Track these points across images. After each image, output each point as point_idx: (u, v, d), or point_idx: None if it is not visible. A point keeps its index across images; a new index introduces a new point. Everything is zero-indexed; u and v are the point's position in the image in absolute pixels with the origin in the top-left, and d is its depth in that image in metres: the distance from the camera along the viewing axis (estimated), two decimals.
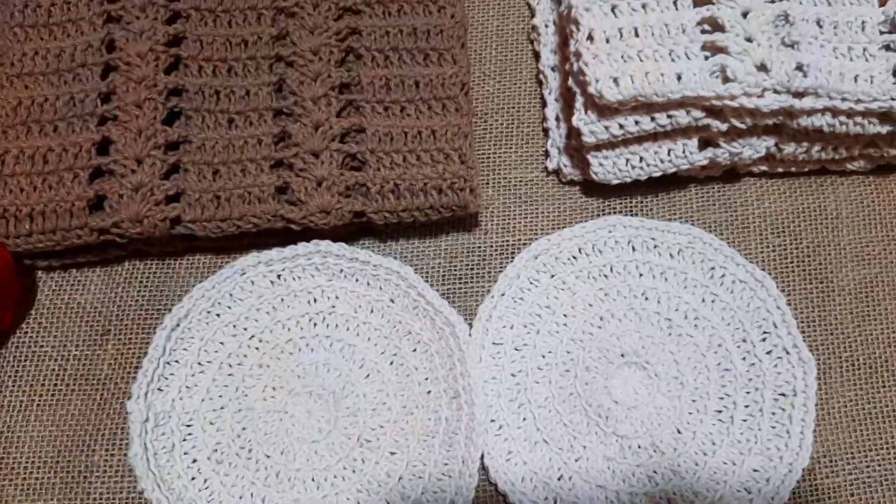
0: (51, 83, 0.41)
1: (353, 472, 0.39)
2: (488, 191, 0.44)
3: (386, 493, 0.38)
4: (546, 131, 0.45)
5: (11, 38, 0.42)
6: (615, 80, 0.37)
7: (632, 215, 0.43)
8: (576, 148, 0.43)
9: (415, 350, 0.41)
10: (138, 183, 0.39)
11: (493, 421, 0.39)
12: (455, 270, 0.43)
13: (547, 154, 0.44)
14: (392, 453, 0.39)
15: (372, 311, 0.41)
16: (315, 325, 0.41)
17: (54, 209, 0.38)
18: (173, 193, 0.39)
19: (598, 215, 0.43)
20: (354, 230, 0.43)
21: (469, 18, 0.47)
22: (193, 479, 0.39)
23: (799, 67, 0.36)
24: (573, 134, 0.42)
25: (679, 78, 0.36)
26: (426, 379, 0.40)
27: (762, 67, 0.36)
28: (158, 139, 0.40)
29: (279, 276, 0.42)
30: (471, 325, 0.41)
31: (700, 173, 0.43)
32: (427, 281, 0.42)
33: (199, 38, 0.42)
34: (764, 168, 0.43)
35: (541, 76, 0.45)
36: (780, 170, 0.43)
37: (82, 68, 0.41)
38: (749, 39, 0.37)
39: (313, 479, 0.39)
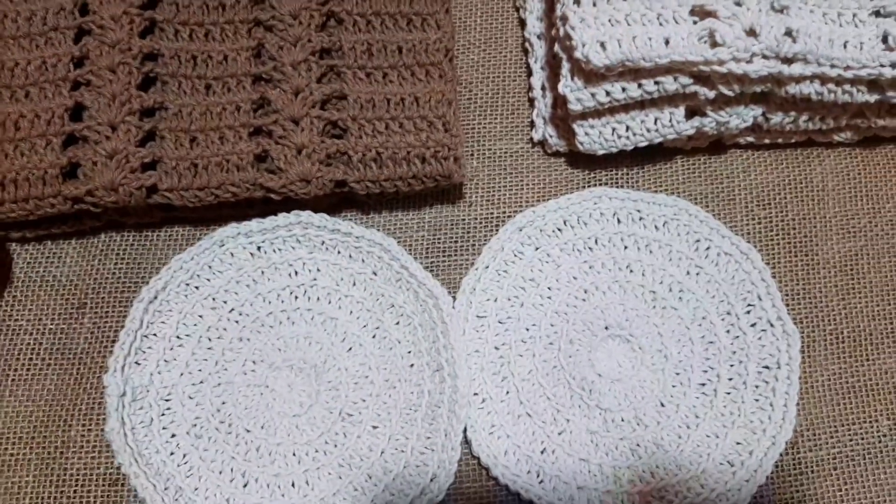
0: (22, 47, 0.40)
1: (335, 446, 0.39)
2: (473, 162, 0.44)
3: (368, 467, 0.38)
4: (531, 101, 0.44)
5: None
6: (602, 45, 0.36)
7: (617, 187, 0.43)
8: (561, 118, 0.42)
9: (398, 323, 0.40)
10: (113, 150, 0.38)
11: (476, 394, 0.39)
12: (439, 243, 0.42)
13: (532, 125, 0.44)
14: (374, 427, 0.39)
15: (354, 284, 0.41)
16: (296, 297, 0.41)
17: (27, 177, 0.37)
18: (149, 161, 0.38)
19: (584, 187, 0.43)
20: (336, 201, 0.42)
21: None
22: (172, 453, 0.38)
23: (788, 33, 0.36)
24: (559, 103, 0.42)
25: (667, 42, 0.36)
26: (409, 352, 0.39)
27: (751, 32, 0.36)
28: (133, 105, 0.39)
29: (259, 248, 0.41)
30: (454, 298, 0.40)
31: (686, 144, 0.42)
32: (410, 254, 0.42)
33: (175, 0, 0.41)
34: (750, 139, 0.42)
35: (526, 44, 0.44)
36: (766, 141, 0.43)
37: (54, 32, 0.40)
38: (738, 4, 0.36)
39: (294, 454, 0.38)
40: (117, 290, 0.41)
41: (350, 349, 0.40)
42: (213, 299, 0.41)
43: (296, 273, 0.41)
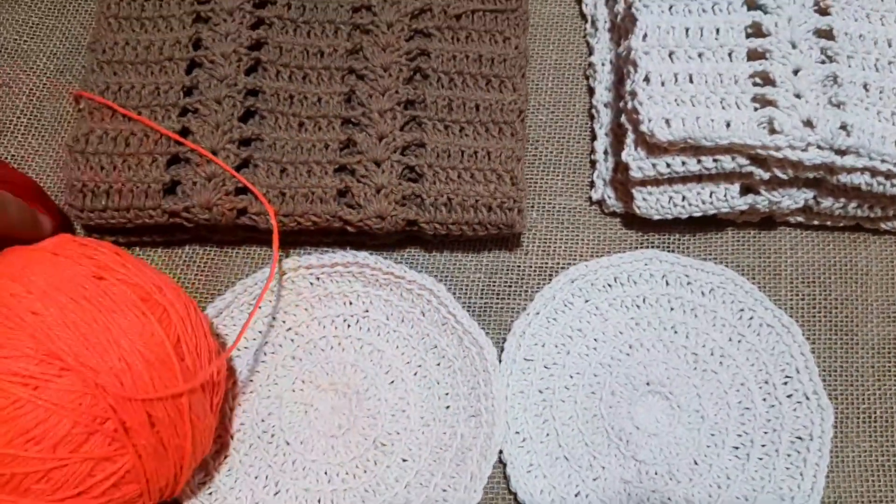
0: (138, 72, 0.44)
1: (365, 472, 0.41)
2: (532, 214, 0.46)
3: (391, 496, 0.40)
4: (593, 163, 0.47)
5: (105, 28, 0.45)
6: (667, 122, 0.39)
7: (668, 251, 0.45)
8: (621, 181, 0.45)
9: (439, 364, 0.42)
10: (212, 173, 0.41)
11: (517, 433, 0.41)
12: (494, 286, 0.45)
13: (592, 185, 0.46)
14: (404, 460, 0.41)
15: (402, 321, 0.43)
16: (349, 326, 0.43)
17: (131, 189, 0.41)
18: (242, 186, 0.42)
19: (636, 248, 0.45)
20: (403, 238, 0.45)
21: (530, 51, 0.50)
22: (217, 451, 0.41)
23: (843, 127, 0.38)
24: (620, 168, 0.44)
25: (728, 125, 0.39)
26: (447, 394, 0.42)
27: (808, 123, 0.38)
28: (234, 134, 0.42)
29: (318, 279, 0.44)
30: (504, 340, 0.43)
31: (738, 218, 0.45)
32: (466, 293, 0.44)
33: (280, 44, 0.45)
34: (800, 219, 0.44)
35: (593, 111, 0.47)
36: (815, 222, 0.45)
37: (169, 62, 0.44)
38: (798, 96, 0.39)
39: (326, 473, 0.41)
40: (196, 300, 0.44)
41: (392, 382, 0.42)
42: (273, 318, 0.43)
43: (350, 303, 0.43)
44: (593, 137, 0.47)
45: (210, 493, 0.40)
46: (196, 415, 0.34)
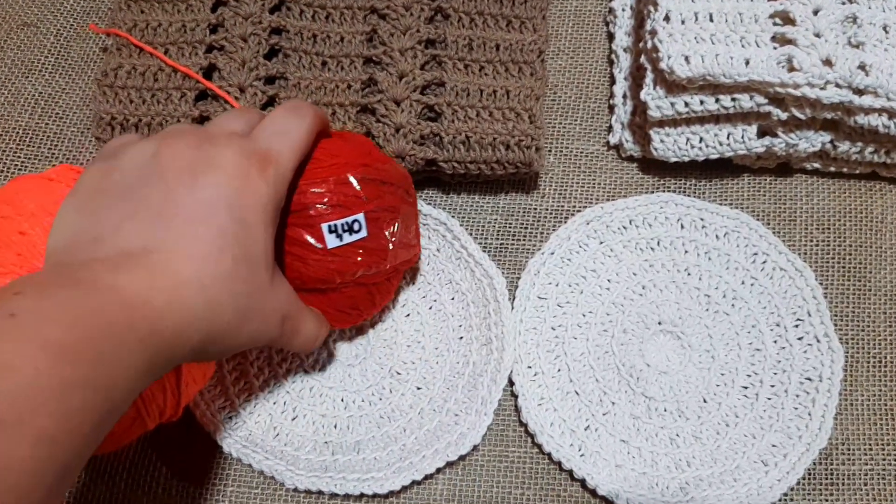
0: (164, 10, 0.45)
1: (380, 399, 0.42)
2: (550, 158, 0.47)
3: (405, 422, 0.41)
4: (611, 108, 0.47)
5: None
6: (686, 59, 0.39)
7: (684, 196, 0.45)
8: (639, 125, 0.45)
9: (453, 298, 0.43)
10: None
11: (529, 367, 0.42)
12: (510, 227, 0.46)
13: (610, 129, 0.47)
14: (418, 388, 0.42)
15: (419, 259, 0.44)
16: None
17: (161, 122, 0.42)
18: None
19: (652, 192, 0.45)
20: (422, 179, 0.46)
21: None
22: (236, 378, 0.42)
23: (861, 67, 0.38)
24: (638, 111, 0.45)
25: (747, 63, 0.39)
26: (460, 326, 0.43)
27: (827, 62, 0.38)
28: (260, 72, 0.43)
29: None
30: (519, 279, 0.43)
31: (754, 163, 0.45)
32: (482, 234, 0.45)
33: None
34: (817, 166, 0.44)
35: (613, 56, 0.47)
36: (832, 169, 0.45)
37: (195, 0, 0.45)
38: (817, 35, 0.39)
39: (342, 400, 0.42)
40: None
41: (408, 315, 0.43)
42: None
43: None
44: (612, 82, 0.47)
45: (230, 418, 0.41)
46: None
